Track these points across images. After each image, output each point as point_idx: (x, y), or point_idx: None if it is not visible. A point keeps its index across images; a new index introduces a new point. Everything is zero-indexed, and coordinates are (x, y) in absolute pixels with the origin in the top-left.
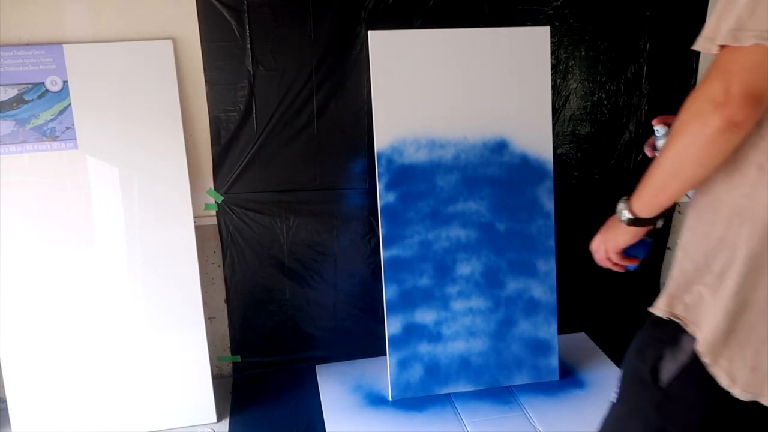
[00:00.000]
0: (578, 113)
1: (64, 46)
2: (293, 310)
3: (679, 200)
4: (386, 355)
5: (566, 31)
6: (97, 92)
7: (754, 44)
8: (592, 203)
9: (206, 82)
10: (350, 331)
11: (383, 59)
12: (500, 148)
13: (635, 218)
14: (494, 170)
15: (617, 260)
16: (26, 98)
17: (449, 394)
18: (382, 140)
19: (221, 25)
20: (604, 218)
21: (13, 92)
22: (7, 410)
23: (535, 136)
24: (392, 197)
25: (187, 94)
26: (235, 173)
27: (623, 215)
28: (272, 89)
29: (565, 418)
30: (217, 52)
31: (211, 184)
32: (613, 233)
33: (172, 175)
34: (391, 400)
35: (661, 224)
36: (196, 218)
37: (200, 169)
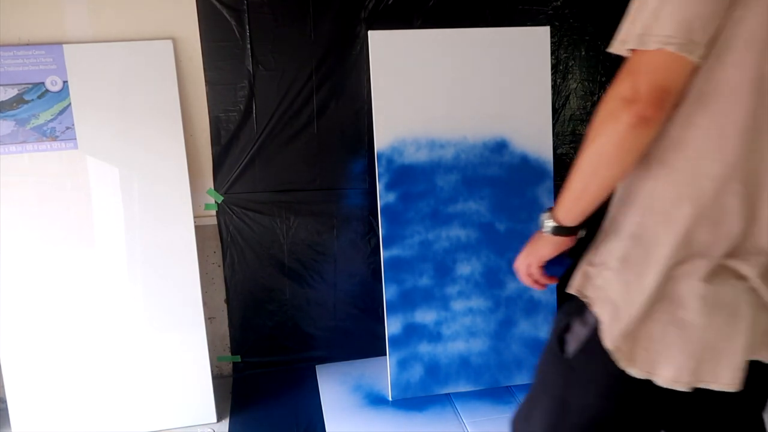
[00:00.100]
0: (578, 113)
1: (64, 46)
2: (293, 310)
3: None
4: (386, 355)
5: (566, 31)
6: (97, 92)
7: (657, 48)
8: None
9: (206, 82)
10: (350, 331)
11: (383, 59)
12: (500, 148)
13: (559, 226)
14: (494, 170)
15: (538, 276)
16: (26, 98)
17: (449, 394)
18: (382, 140)
19: (221, 25)
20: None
21: (13, 92)
22: (7, 410)
23: (535, 136)
24: (392, 197)
25: (187, 94)
26: (235, 173)
27: (547, 225)
28: (272, 89)
29: None
30: (217, 52)
31: (211, 184)
32: (536, 246)
33: (172, 175)
34: (391, 400)
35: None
36: (196, 218)
37: (200, 169)
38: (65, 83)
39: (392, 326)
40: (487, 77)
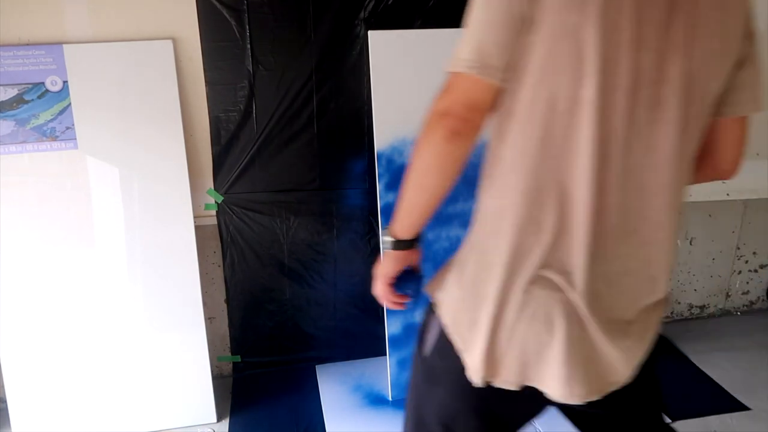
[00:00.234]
0: None
1: (64, 46)
2: (293, 310)
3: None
4: (386, 355)
5: None
6: (97, 92)
7: (462, 71)
8: None
9: (206, 82)
10: (350, 331)
11: (383, 59)
12: None
13: (396, 240)
14: None
15: (388, 293)
16: (26, 98)
17: None
18: (382, 140)
19: (221, 25)
20: None
21: (13, 92)
22: (7, 410)
23: None
24: (392, 197)
25: (187, 94)
26: (235, 173)
27: (385, 241)
28: (272, 89)
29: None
30: (217, 52)
31: (211, 184)
32: (382, 264)
33: (172, 175)
34: (391, 400)
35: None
36: (196, 218)
37: (200, 169)
38: (65, 83)
39: (392, 326)
40: None
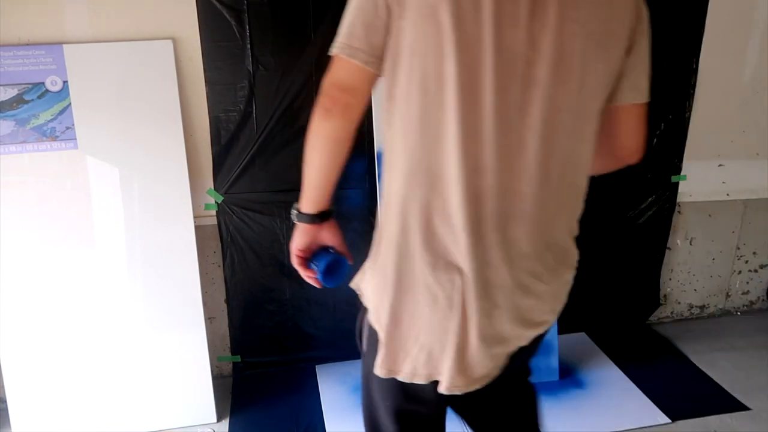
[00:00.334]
0: None
1: (64, 46)
2: (293, 310)
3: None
4: None
5: None
6: (97, 92)
7: (336, 53)
8: (591, 202)
9: (206, 82)
10: (350, 331)
11: None
12: None
13: (300, 213)
14: None
15: (298, 265)
16: (26, 98)
17: None
18: (382, 140)
19: (221, 25)
20: (603, 217)
21: (13, 92)
22: (7, 410)
23: None
24: None
25: (187, 94)
26: (235, 173)
27: (292, 213)
28: (272, 89)
29: (565, 417)
30: (217, 52)
31: (211, 184)
32: (293, 236)
33: (172, 175)
34: None
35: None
36: (196, 218)
37: (200, 169)
38: (65, 83)
39: None
40: None
